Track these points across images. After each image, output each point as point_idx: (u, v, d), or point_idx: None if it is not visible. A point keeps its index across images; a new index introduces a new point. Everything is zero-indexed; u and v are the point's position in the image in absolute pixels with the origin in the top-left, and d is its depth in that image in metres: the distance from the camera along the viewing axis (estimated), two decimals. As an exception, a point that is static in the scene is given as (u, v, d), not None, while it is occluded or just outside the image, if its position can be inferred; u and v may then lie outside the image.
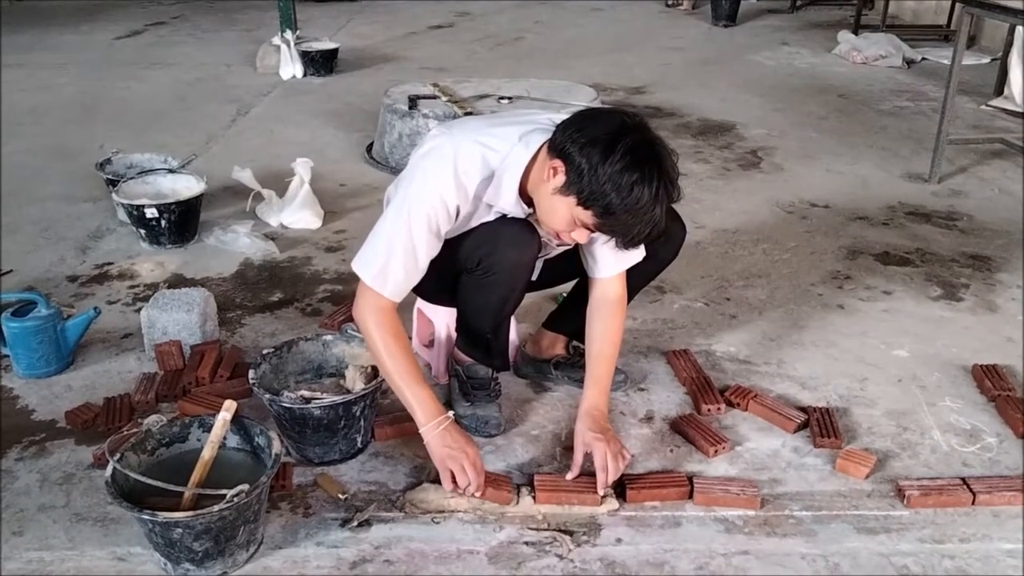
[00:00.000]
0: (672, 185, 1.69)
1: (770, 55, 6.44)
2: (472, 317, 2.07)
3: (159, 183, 3.25)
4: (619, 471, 1.87)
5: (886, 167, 4.04)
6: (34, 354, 2.29)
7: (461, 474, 1.82)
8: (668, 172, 1.68)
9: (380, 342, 1.84)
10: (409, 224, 1.79)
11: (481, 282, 1.94)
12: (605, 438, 1.88)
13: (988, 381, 2.27)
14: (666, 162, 1.68)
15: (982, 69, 5.80)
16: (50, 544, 1.76)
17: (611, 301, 2.00)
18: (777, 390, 2.30)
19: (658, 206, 1.67)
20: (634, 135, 1.67)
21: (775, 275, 2.96)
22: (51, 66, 5.94)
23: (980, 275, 2.97)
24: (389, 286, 1.82)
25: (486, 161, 1.81)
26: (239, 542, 1.67)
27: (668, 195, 1.68)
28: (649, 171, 1.64)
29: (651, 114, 4.86)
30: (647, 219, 1.67)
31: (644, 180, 1.63)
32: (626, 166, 1.63)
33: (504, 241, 1.87)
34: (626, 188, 1.64)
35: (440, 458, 1.84)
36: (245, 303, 2.75)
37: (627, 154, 1.64)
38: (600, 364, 2.00)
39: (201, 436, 1.80)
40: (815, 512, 1.86)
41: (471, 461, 1.83)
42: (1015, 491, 1.88)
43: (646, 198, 1.64)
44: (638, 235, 1.71)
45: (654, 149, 1.68)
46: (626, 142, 1.65)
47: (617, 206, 1.65)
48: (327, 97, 5.25)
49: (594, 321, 2.02)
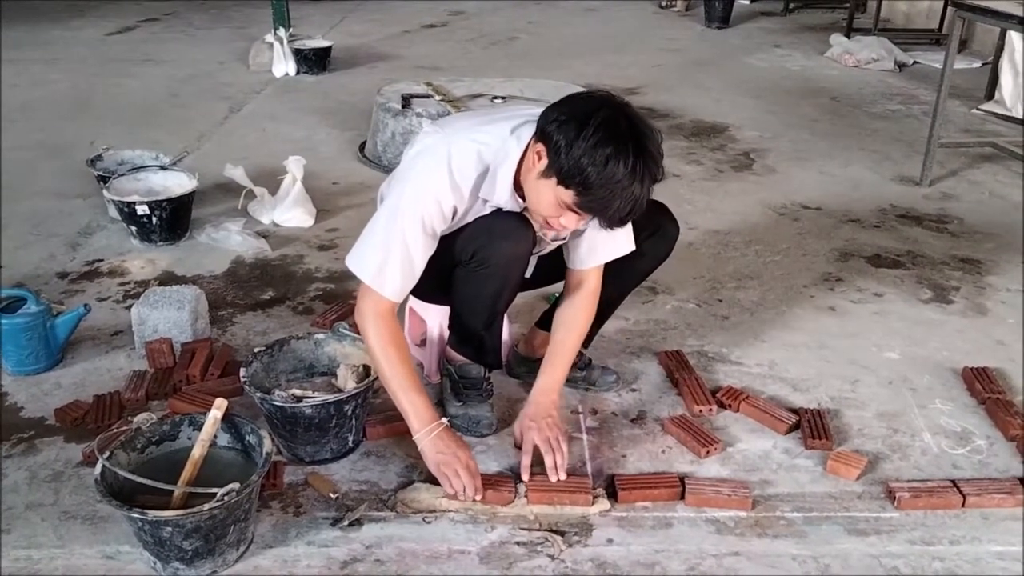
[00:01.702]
0: (653, 162, 1.65)
1: (763, 57, 6.45)
2: (465, 311, 2.07)
3: (150, 180, 3.23)
4: (553, 456, 1.89)
5: (878, 170, 4.06)
6: (23, 351, 2.28)
7: (455, 478, 1.82)
8: (647, 148, 1.64)
9: (379, 349, 1.86)
10: (404, 226, 1.79)
11: (475, 274, 1.94)
12: (539, 426, 1.91)
13: (978, 383, 2.28)
14: (646, 138, 1.65)
15: (973, 73, 5.83)
16: (38, 542, 1.74)
17: (585, 292, 2.02)
18: (768, 391, 2.30)
19: (636, 182, 1.63)
20: (611, 111, 1.66)
21: (767, 276, 2.96)
22: (42, 62, 5.91)
23: (971, 278, 2.98)
24: (388, 287, 1.82)
25: (480, 157, 1.81)
26: (229, 541, 1.66)
27: (648, 171, 1.65)
28: (624, 145, 1.62)
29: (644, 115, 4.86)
30: (625, 194, 1.64)
31: (619, 154, 1.61)
32: (600, 140, 1.62)
33: (498, 234, 1.87)
34: (600, 161, 1.61)
35: (434, 464, 1.85)
36: (237, 301, 2.74)
37: (601, 127, 1.62)
38: (559, 352, 2.02)
39: (191, 434, 1.79)
40: (806, 513, 1.87)
41: (464, 465, 1.83)
42: (1005, 493, 1.89)
43: (621, 171, 1.61)
44: (617, 211, 1.67)
45: (632, 124, 1.65)
46: (600, 116, 1.64)
47: (593, 181, 1.63)
48: (320, 95, 5.24)
49: (563, 309, 2.04)
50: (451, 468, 1.83)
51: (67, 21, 7.25)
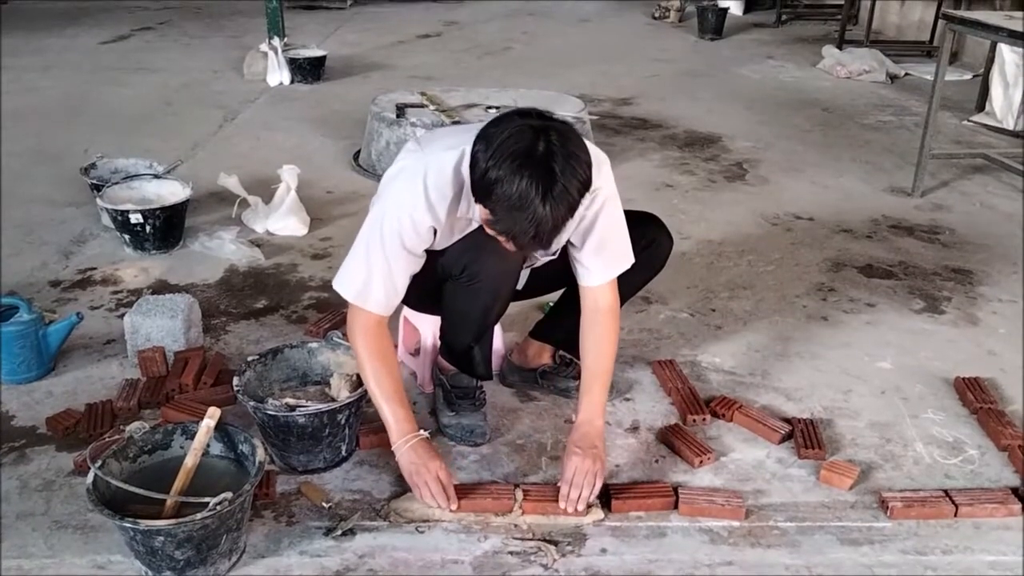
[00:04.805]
0: (561, 186, 1.55)
1: (756, 68, 6.49)
2: (455, 324, 2.07)
3: (144, 188, 3.23)
4: (587, 487, 1.84)
5: (870, 180, 4.08)
6: (15, 359, 2.27)
7: (424, 488, 1.83)
8: (554, 171, 1.55)
9: (366, 362, 1.89)
10: (383, 245, 1.81)
11: (465, 289, 1.94)
12: (584, 454, 1.86)
13: (970, 393, 2.29)
14: (559, 161, 1.56)
15: (964, 85, 5.87)
16: (29, 552, 1.73)
17: (603, 311, 1.98)
18: (762, 401, 2.30)
19: (539, 204, 1.54)
20: (530, 131, 1.58)
21: (760, 286, 2.97)
22: (36, 69, 5.90)
23: (962, 288, 3.00)
24: (371, 303, 1.86)
25: (458, 173, 1.78)
26: (221, 551, 1.66)
27: (553, 195, 1.55)
28: (528, 165, 1.55)
29: (638, 125, 4.89)
30: (527, 216, 1.56)
31: (520, 172, 1.54)
32: (504, 157, 1.56)
33: (489, 249, 1.86)
34: (496, 181, 1.56)
35: (407, 473, 1.86)
36: (230, 310, 2.73)
37: (509, 145, 1.56)
38: (594, 378, 1.97)
39: (184, 443, 1.78)
40: (799, 523, 1.87)
41: (434, 476, 1.83)
42: (997, 503, 1.90)
43: (515, 192, 1.54)
44: (523, 234, 1.59)
45: (549, 147, 1.56)
46: (513, 135, 1.57)
47: (495, 198, 1.58)
48: (314, 104, 5.24)
49: (587, 334, 1.99)
50: (422, 478, 1.83)
51: (61, 29, 7.24)
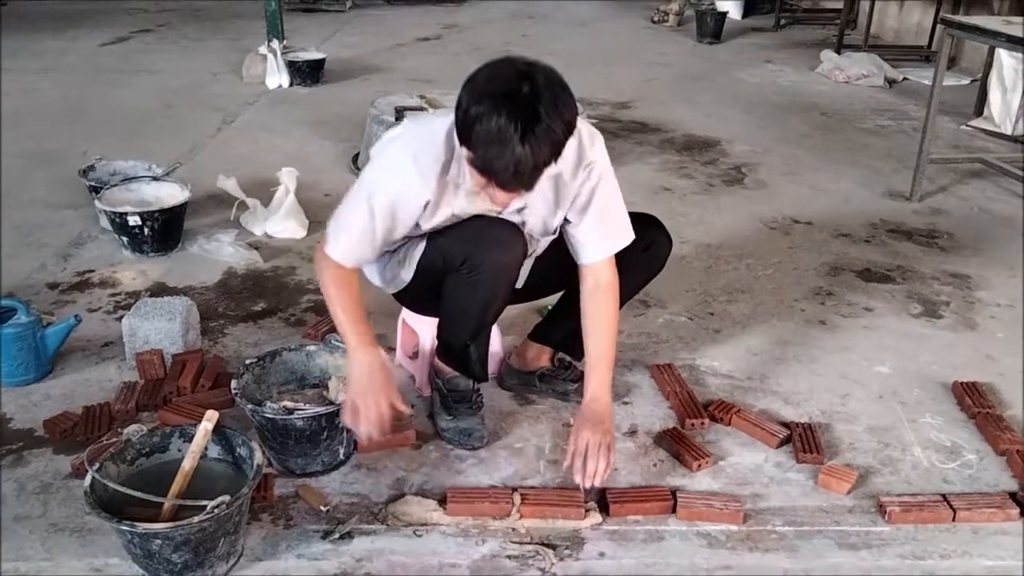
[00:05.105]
0: (543, 126, 1.59)
1: (754, 72, 6.49)
2: (454, 319, 2.06)
3: (143, 190, 3.23)
4: (602, 460, 1.85)
5: (868, 185, 4.08)
6: (13, 362, 2.26)
7: (364, 418, 1.81)
8: (538, 110, 1.58)
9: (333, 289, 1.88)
10: (370, 202, 1.82)
11: (466, 281, 1.93)
12: (594, 429, 1.87)
13: (968, 398, 2.29)
14: (536, 97, 1.59)
15: (962, 90, 5.87)
16: (26, 555, 1.73)
17: (603, 288, 1.98)
18: (760, 405, 2.30)
19: (518, 142, 1.58)
20: (515, 73, 1.62)
21: (758, 290, 2.98)
22: (35, 71, 5.90)
23: (960, 293, 3.00)
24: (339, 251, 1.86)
25: (449, 138, 1.78)
26: (219, 554, 1.65)
27: (535, 134, 1.59)
28: (509, 102, 1.58)
29: (636, 129, 4.89)
30: (506, 153, 1.59)
31: (499, 109, 1.58)
32: (486, 95, 1.60)
33: (491, 241, 1.88)
34: (481, 115, 1.60)
35: (354, 392, 1.84)
36: (228, 312, 2.73)
37: (493, 84, 1.61)
38: (599, 356, 1.98)
39: (182, 446, 1.78)
40: (797, 527, 1.87)
41: (378, 412, 1.81)
42: (995, 508, 1.90)
43: (498, 126, 1.58)
44: (502, 171, 1.63)
45: (535, 89, 1.60)
46: (498, 74, 1.62)
47: (476, 134, 1.61)
48: (313, 107, 5.24)
49: (589, 313, 2.00)
50: (364, 400, 1.81)
51: (61, 31, 7.24)
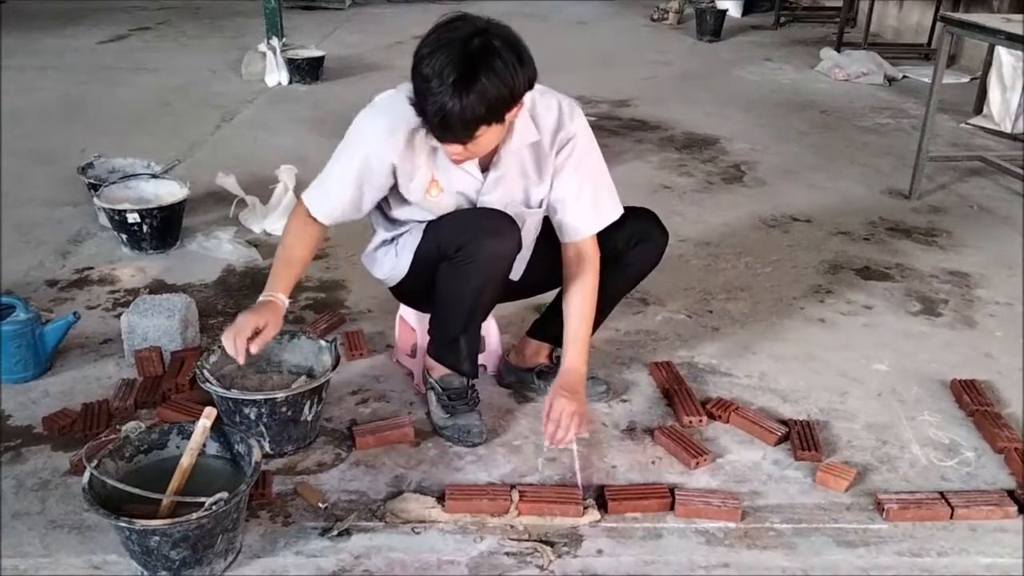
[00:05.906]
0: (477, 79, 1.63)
1: (754, 71, 6.49)
2: (447, 308, 2.06)
3: (141, 188, 3.23)
4: (568, 428, 1.88)
5: (867, 183, 4.08)
6: (11, 359, 2.26)
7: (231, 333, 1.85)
8: (476, 65, 1.64)
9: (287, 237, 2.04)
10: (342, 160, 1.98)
11: (460, 268, 1.94)
12: (570, 397, 1.91)
13: (967, 396, 2.29)
14: (482, 53, 1.65)
15: (962, 88, 5.87)
16: (25, 551, 1.73)
17: (584, 259, 2.02)
18: (758, 403, 2.30)
19: (446, 90, 1.63)
20: (464, 22, 1.68)
21: (757, 288, 2.98)
22: (33, 69, 5.89)
23: (959, 291, 3.00)
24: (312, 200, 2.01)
25: None
26: (217, 551, 1.65)
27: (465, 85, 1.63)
28: (449, 52, 1.64)
29: (636, 127, 4.89)
30: (436, 98, 1.65)
31: (436, 55, 1.64)
32: (431, 41, 1.67)
33: (486, 229, 1.90)
34: (420, 58, 1.68)
35: (236, 321, 1.89)
36: (227, 309, 2.73)
37: (441, 33, 1.67)
38: (578, 328, 2.02)
39: (180, 443, 1.78)
40: (795, 525, 1.87)
41: (239, 327, 1.85)
42: (993, 505, 1.90)
43: (430, 72, 1.65)
44: (431, 115, 1.69)
45: (486, 44, 1.65)
46: (450, 22, 1.69)
47: (416, 77, 1.69)
48: (312, 105, 5.24)
49: (570, 285, 2.04)
50: (237, 327, 1.86)
51: (59, 29, 7.23)
